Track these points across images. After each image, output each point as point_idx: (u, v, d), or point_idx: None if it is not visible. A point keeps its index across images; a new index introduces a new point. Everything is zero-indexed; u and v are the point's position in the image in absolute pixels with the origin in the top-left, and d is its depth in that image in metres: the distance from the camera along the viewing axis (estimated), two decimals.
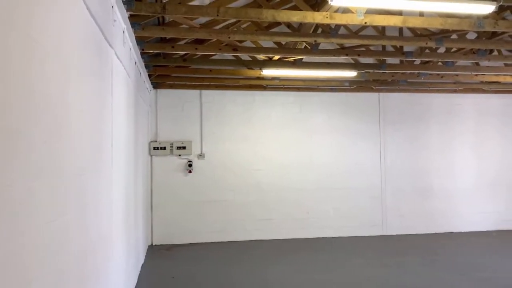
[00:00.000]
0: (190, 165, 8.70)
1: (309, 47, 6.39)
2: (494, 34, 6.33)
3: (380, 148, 9.59)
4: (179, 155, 8.72)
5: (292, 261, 7.21)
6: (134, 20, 4.88)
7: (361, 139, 9.53)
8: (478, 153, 9.97)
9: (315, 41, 5.56)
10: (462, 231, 9.69)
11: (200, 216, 8.77)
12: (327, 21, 4.62)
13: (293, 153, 9.25)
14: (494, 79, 8.36)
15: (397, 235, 9.37)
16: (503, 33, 6.11)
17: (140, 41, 5.57)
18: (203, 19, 5.99)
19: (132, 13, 4.33)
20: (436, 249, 8.01)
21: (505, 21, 5.17)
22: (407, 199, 9.61)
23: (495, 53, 7.57)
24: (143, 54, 6.23)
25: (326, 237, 9.12)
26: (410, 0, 3.83)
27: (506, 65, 7.95)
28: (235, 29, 6.21)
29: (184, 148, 8.66)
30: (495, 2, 4.15)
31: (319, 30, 6.21)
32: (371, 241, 8.83)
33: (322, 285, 6.01)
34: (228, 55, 7.45)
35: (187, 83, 8.35)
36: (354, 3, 3.97)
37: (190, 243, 8.59)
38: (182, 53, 6.95)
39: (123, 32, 4.33)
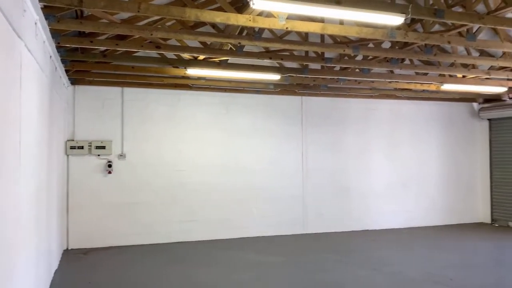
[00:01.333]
0: (110, 166, 8.38)
1: (234, 49, 6.45)
2: (406, 44, 6.81)
3: (302, 149, 9.91)
4: (98, 155, 8.36)
5: (215, 262, 7.21)
6: (49, 12, 4.62)
7: (284, 141, 9.78)
8: (391, 155, 10.66)
9: (239, 43, 5.62)
10: (376, 228, 10.30)
11: (121, 218, 8.47)
12: (250, 23, 4.70)
13: (218, 153, 9.26)
14: (406, 86, 8.98)
15: (316, 233, 9.74)
16: (414, 43, 6.60)
17: (56, 34, 5.27)
18: (125, 15, 5.80)
19: (45, 3, 4.08)
20: (352, 246, 8.44)
21: (414, 32, 5.59)
22: (326, 198, 10.02)
23: (408, 62, 8.15)
24: (59, 47, 5.90)
25: (249, 237, 9.23)
26: (326, 8, 4.00)
27: (417, 73, 8.59)
28: (159, 26, 6.09)
29: (103, 147, 8.31)
30: (404, 15, 4.48)
31: (244, 33, 6.30)
32: (292, 240, 9.09)
33: (241, 285, 6.08)
34: (153, 53, 7.29)
35: (108, 79, 8.04)
36: (275, 8, 4.06)
37: (109, 247, 8.27)
38: (103, 48, 6.67)
39: (35, 23, 4.06)
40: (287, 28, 4.87)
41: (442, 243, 8.80)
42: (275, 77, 7.64)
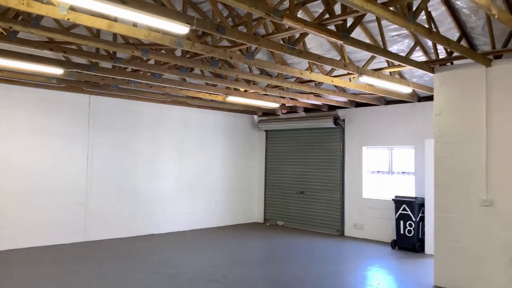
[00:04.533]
0: None
1: (5, 34, 5.65)
2: (196, 54, 7.10)
3: (88, 152, 9.32)
4: None
5: None
6: None
7: (68, 141, 9.03)
8: (181, 159, 10.99)
9: (11, 27, 4.95)
10: (163, 232, 10.44)
11: None
12: (23, 7, 4.18)
13: None
14: (196, 95, 9.40)
15: (100, 240, 9.28)
16: (202, 54, 6.92)
17: None
18: None
19: None
20: (135, 251, 8.32)
21: (200, 44, 5.85)
22: (113, 203, 9.65)
23: (198, 72, 8.52)
24: None
25: (21, 248, 8.19)
26: (110, 5, 3.87)
27: (206, 84, 9.06)
28: None
29: None
30: (189, 25, 4.67)
31: (20, 18, 5.58)
32: (72, 248, 8.43)
33: None
34: None
35: None
36: None
37: None
38: None
39: None
40: (68, 19, 4.51)
41: (220, 243, 9.44)
42: (57, 71, 6.98)
